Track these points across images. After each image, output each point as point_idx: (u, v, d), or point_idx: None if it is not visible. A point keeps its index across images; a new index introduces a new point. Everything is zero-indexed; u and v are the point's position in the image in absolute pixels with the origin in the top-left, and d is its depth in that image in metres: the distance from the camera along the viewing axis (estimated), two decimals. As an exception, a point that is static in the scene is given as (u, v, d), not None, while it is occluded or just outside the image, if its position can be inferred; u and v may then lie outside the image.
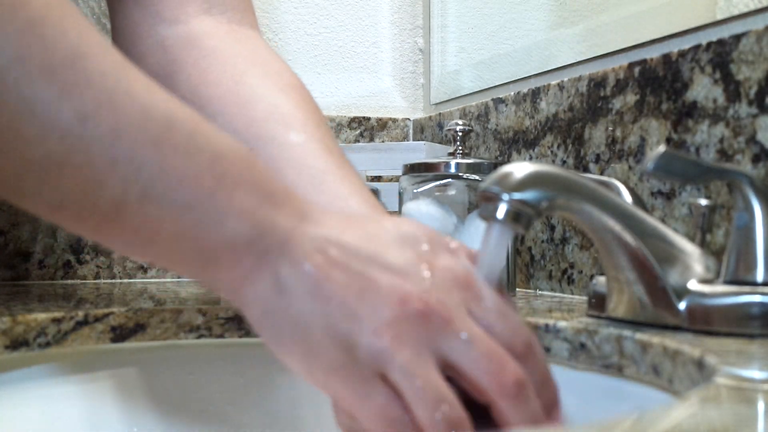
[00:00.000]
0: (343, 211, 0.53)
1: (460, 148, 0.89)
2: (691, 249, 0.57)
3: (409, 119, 1.25)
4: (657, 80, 0.75)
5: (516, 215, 0.49)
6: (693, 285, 0.56)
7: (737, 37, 0.66)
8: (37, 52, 0.37)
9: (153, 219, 0.40)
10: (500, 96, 1.00)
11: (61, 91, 0.38)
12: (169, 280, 1.10)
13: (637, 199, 0.63)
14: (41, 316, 0.64)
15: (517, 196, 0.49)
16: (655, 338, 0.53)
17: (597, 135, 0.82)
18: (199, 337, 0.71)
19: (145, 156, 0.40)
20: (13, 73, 0.37)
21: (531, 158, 0.93)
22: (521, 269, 0.94)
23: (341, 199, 0.55)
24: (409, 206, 0.88)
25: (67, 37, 0.39)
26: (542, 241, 0.91)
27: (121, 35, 0.66)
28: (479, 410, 0.43)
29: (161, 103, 0.41)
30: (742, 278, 0.55)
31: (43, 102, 0.38)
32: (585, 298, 0.66)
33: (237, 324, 0.72)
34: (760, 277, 0.55)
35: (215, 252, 0.42)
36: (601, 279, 0.62)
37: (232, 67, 0.62)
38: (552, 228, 0.89)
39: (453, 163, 0.87)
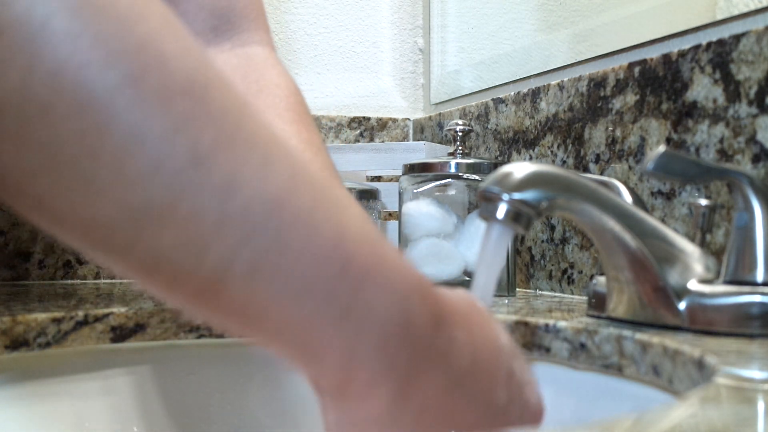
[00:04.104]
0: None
1: (460, 148, 0.89)
2: (691, 249, 0.57)
3: (409, 119, 1.25)
4: (657, 80, 0.75)
5: (516, 215, 0.49)
6: (693, 285, 0.56)
7: (737, 37, 0.66)
8: (154, 74, 0.31)
9: (258, 301, 0.34)
10: (500, 96, 1.00)
11: (177, 124, 0.32)
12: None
13: (637, 199, 0.63)
14: (41, 316, 0.64)
15: (517, 196, 0.49)
16: (655, 338, 0.53)
17: (597, 135, 0.82)
18: (199, 337, 0.71)
19: (261, 219, 0.33)
20: (126, 96, 0.31)
21: (531, 158, 0.93)
22: (521, 269, 0.94)
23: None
24: (409, 206, 0.88)
25: (187, 59, 0.33)
26: (542, 241, 0.91)
27: None
28: None
29: (285, 158, 0.35)
30: (742, 278, 0.55)
31: (155, 135, 0.31)
32: (585, 298, 0.66)
33: (237, 324, 0.72)
34: (760, 277, 0.55)
35: (326, 353, 0.36)
36: (601, 279, 0.62)
37: None
38: (552, 228, 0.89)
39: (453, 163, 0.87)
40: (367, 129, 1.23)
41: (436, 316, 0.38)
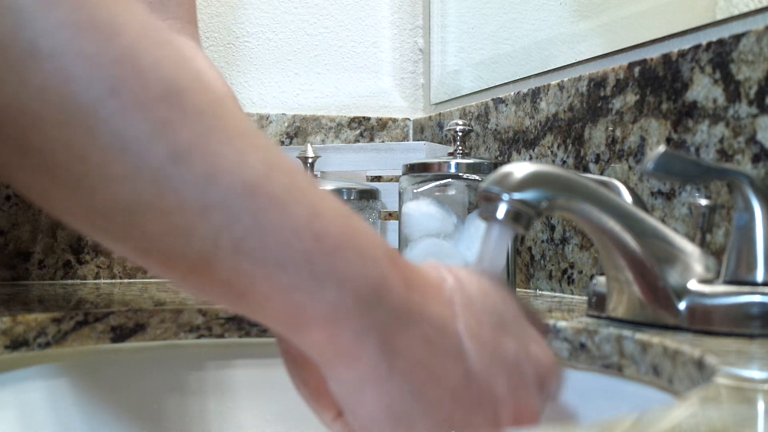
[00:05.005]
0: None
1: (460, 148, 0.89)
2: (691, 249, 0.57)
3: (409, 119, 1.25)
4: (657, 80, 0.75)
5: (516, 215, 0.49)
6: (693, 285, 0.56)
7: (737, 37, 0.66)
8: (132, 86, 0.35)
9: (244, 275, 0.38)
10: (500, 96, 1.00)
11: (155, 128, 0.35)
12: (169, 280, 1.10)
13: (637, 199, 0.63)
14: (41, 316, 0.64)
15: (517, 196, 0.49)
16: (655, 338, 0.53)
17: (597, 135, 0.82)
18: (199, 337, 0.71)
19: (240, 204, 0.37)
20: (108, 107, 0.35)
21: (531, 158, 0.93)
22: (521, 269, 0.94)
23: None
24: (409, 206, 0.88)
25: (162, 68, 0.36)
26: (542, 241, 0.91)
27: None
28: None
29: (259, 149, 0.39)
30: (742, 278, 0.55)
31: (137, 139, 0.35)
32: (585, 298, 0.66)
33: (237, 324, 0.72)
34: (760, 277, 0.55)
35: (310, 318, 0.39)
36: (601, 279, 0.62)
37: None
38: (552, 228, 0.89)
39: (453, 163, 0.87)
40: (367, 129, 1.23)
41: (407, 279, 0.41)
